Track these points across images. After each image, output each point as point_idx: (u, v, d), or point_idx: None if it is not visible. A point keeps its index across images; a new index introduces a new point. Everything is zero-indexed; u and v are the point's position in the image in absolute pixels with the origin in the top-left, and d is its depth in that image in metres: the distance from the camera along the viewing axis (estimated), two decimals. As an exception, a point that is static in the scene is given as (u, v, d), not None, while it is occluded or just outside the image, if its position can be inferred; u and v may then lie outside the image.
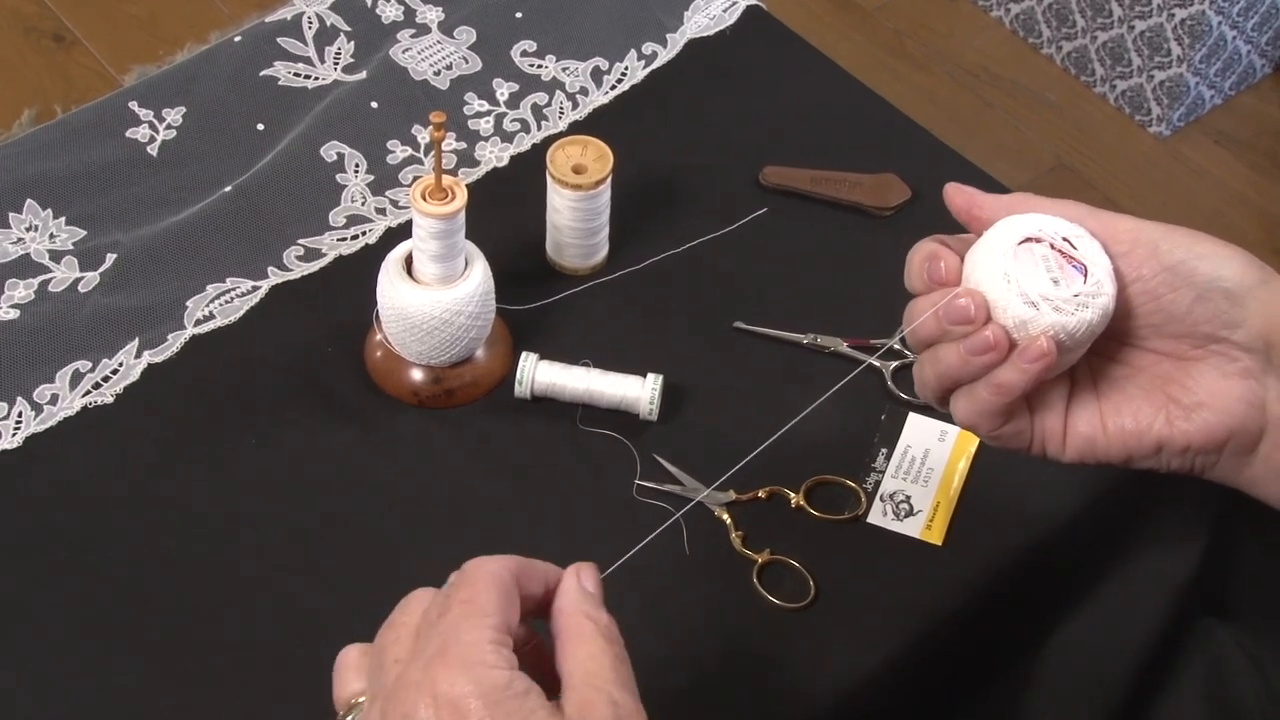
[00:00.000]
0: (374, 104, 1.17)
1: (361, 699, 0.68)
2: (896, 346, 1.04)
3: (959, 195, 0.76)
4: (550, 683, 0.67)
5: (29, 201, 1.09)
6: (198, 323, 1.04)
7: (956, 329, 0.72)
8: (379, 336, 1.01)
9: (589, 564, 0.72)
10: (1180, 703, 1.04)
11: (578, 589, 0.70)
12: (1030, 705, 1.02)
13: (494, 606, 0.67)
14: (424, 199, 0.94)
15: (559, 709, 0.65)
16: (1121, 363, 0.75)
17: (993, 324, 0.72)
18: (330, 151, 1.14)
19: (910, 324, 0.75)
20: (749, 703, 0.88)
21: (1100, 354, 0.75)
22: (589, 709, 0.65)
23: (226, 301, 1.05)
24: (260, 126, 1.16)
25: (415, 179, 1.01)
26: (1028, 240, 0.72)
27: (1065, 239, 0.72)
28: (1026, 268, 0.72)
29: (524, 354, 1.00)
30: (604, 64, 1.21)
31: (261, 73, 1.19)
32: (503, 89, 1.19)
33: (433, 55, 1.21)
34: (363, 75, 1.19)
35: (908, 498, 0.97)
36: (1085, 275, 0.71)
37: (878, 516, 0.96)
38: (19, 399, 0.99)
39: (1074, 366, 0.75)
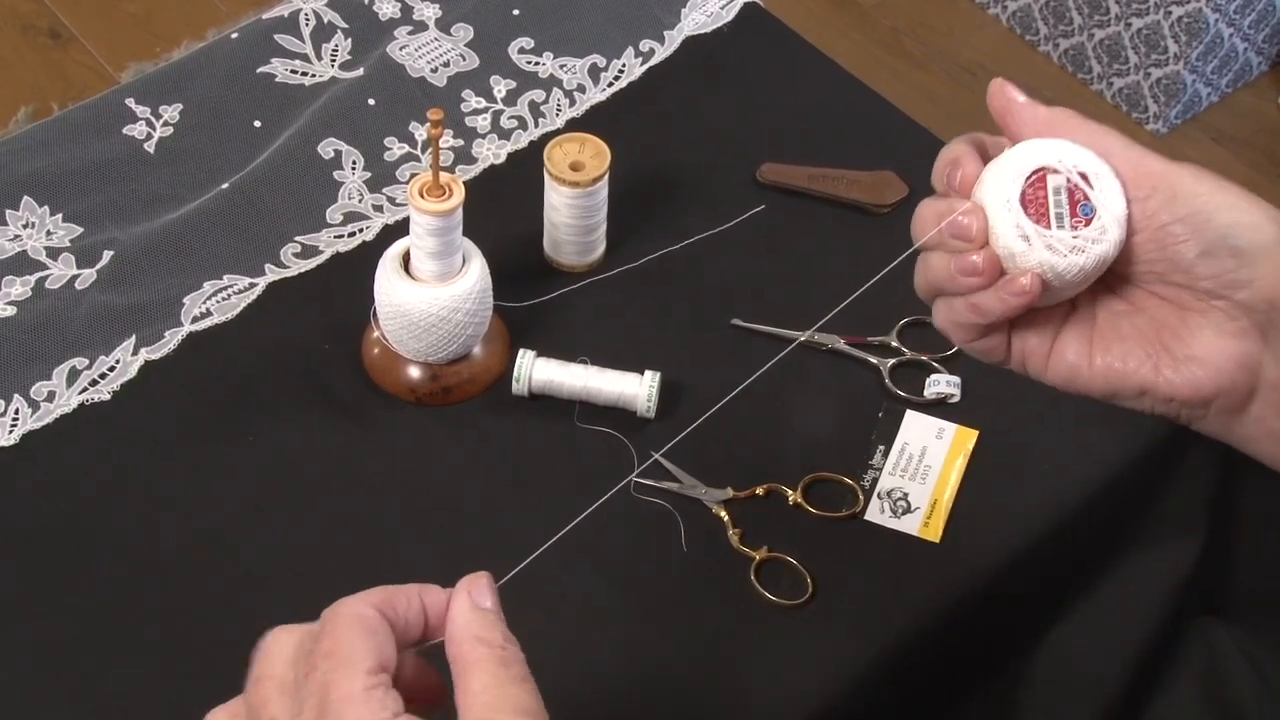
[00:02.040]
0: (371, 101, 1.17)
1: None
2: (894, 344, 1.04)
3: (999, 97, 0.73)
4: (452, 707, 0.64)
5: (26, 198, 1.09)
6: (195, 320, 1.04)
7: (954, 243, 0.71)
8: (376, 334, 1.01)
9: (480, 576, 0.69)
10: (1177, 701, 1.04)
11: (468, 610, 0.67)
12: (1027, 702, 1.02)
13: (360, 650, 0.63)
14: (421, 196, 0.94)
15: None
16: (1123, 298, 0.73)
17: (986, 249, 0.70)
18: (328, 149, 1.14)
19: (915, 225, 0.74)
20: (746, 700, 0.88)
21: (1104, 285, 0.73)
22: None
23: (224, 299, 1.05)
24: (257, 124, 1.16)
25: (413, 176, 1.01)
26: (1043, 169, 0.70)
27: (1083, 174, 0.70)
28: (1032, 199, 0.70)
29: (521, 351, 1.00)
30: (601, 61, 1.21)
31: (259, 70, 1.19)
32: (500, 86, 1.19)
33: (430, 52, 1.21)
34: (360, 72, 1.19)
35: (905, 495, 0.97)
36: (1092, 218, 0.70)
37: (875, 514, 0.96)
38: (16, 396, 0.99)
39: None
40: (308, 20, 1.22)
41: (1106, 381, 0.73)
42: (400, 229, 1.08)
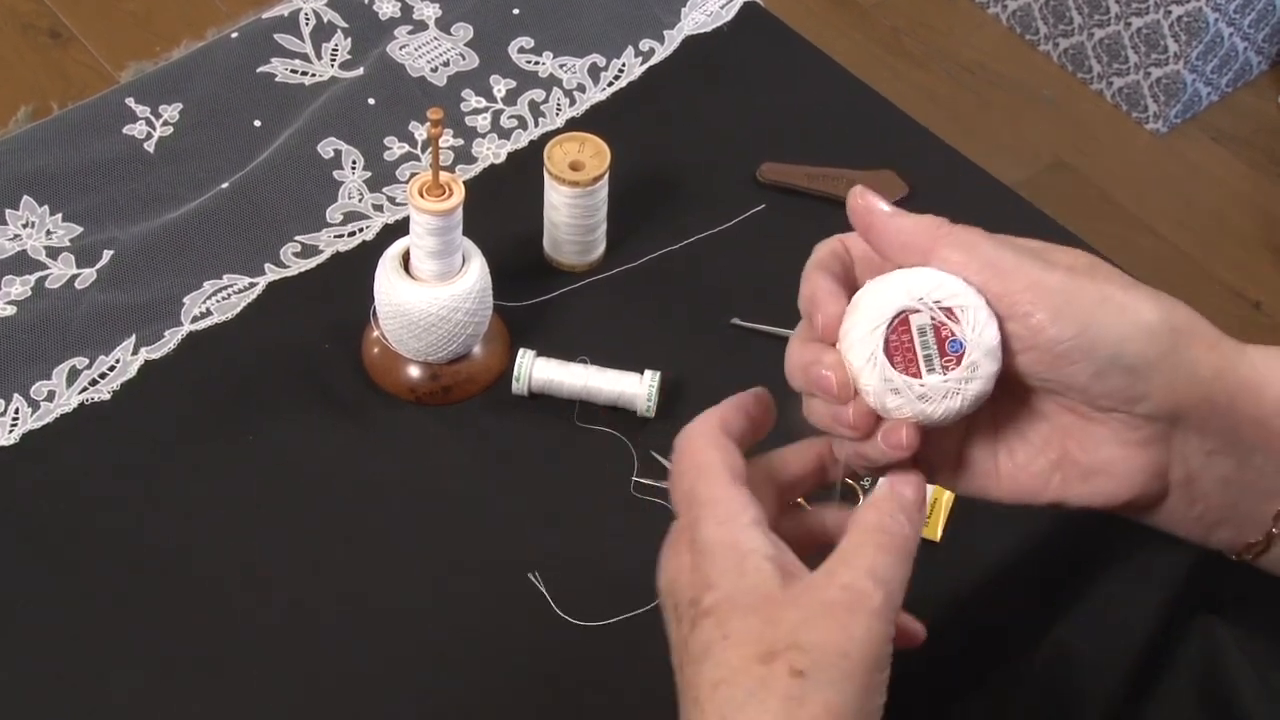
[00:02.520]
0: (371, 101, 1.17)
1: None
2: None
3: (860, 211, 0.71)
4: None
5: (26, 198, 1.09)
6: (195, 320, 1.04)
7: (823, 395, 0.69)
8: (376, 333, 1.01)
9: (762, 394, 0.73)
10: (1176, 700, 1.04)
11: (899, 487, 0.68)
12: (1026, 701, 1.02)
13: (714, 459, 0.68)
14: (421, 196, 0.94)
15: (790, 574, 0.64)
16: (1024, 404, 0.71)
17: (856, 401, 0.68)
18: (327, 148, 1.14)
19: (786, 367, 0.71)
20: None
21: (1004, 390, 0.70)
22: (810, 584, 0.64)
23: (224, 298, 1.05)
24: (257, 123, 1.16)
25: (412, 175, 1.01)
26: (904, 311, 0.67)
27: (948, 310, 0.67)
28: (897, 345, 0.67)
29: (521, 350, 1.00)
30: (601, 61, 1.21)
31: (259, 69, 1.19)
32: (500, 86, 1.19)
33: (430, 52, 1.21)
34: (360, 72, 1.19)
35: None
36: (962, 354, 0.67)
37: (875, 513, 0.96)
38: (15, 396, 0.99)
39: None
40: (308, 20, 1.22)
41: (1016, 494, 0.71)
42: (400, 228, 1.08)
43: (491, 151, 1.15)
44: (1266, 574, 0.75)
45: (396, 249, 0.98)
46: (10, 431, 0.97)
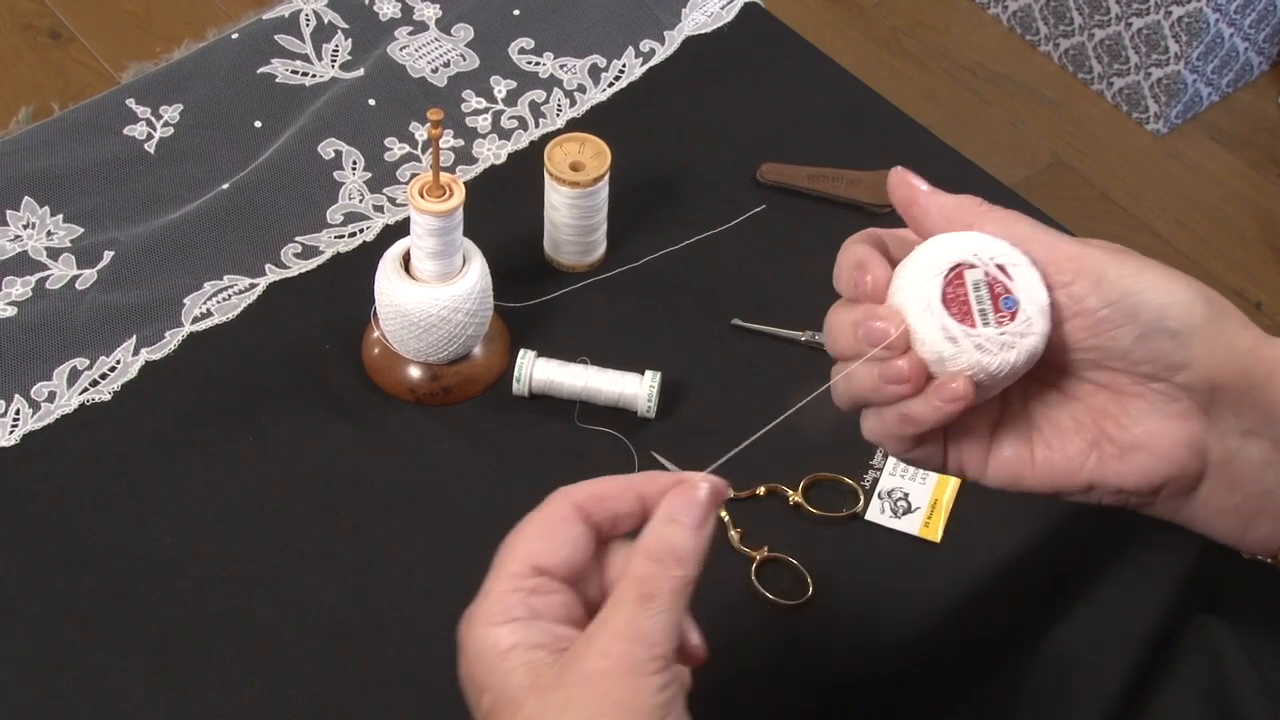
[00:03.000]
0: (371, 101, 1.17)
1: None
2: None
3: (901, 188, 0.70)
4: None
5: (26, 199, 1.09)
6: (195, 320, 1.04)
7: (875, 351, 0.69)
8: (377, 334, 1.01)
9: (691, 484, 0.68)
10: (1177, 700, 1.04)
11: (658, 522, 0.66)
12: (1027, 701, 1.02)
13: (517, 551, 0.66)
14: (422, 196, 0.94)
15: (552, 666, 0.63)
16: (1056, 388, 0.71)
17: (910, 354, 0.68)
18: (328, 149, 1.14)
19: (829, 335, 0.71)
20: (746, 700, 0.88)
21: (1033, 378, 0.70)
22: (586, 668, 0.62)
23: (224, 299, 1.05)
24: (258, 124, 1.16)
25: (413, 176, 1.01)
26: (960, 265, 0.68)
27: (1001, 267, 0.67)
28: (953, 298, 0.67)
29: (522, 351, 1.00)
30: (602, 61, 1.21)
31: (259, 70, 1.19)
32: (500, 86, 1.19)
33: (430, 52, 1.21)
34: (360, 72, 1.19)
35: (905, 495, 0.97)
36: (1016, 311, 0.67)
37: (876, 514, 0.96)
38: (16, 396, 0.99)
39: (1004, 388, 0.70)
40: (308, 20, 1.22)
41: (1051, 479, 0.70)
42: (401, 229, 1.08)
43: (492, 152, 1.15)
44: (1266, 573, 0.74)
45: (397, 250, 0.98)
46: (11, 432, 0.97)
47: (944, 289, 0.67)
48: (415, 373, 1.00)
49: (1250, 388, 0.67)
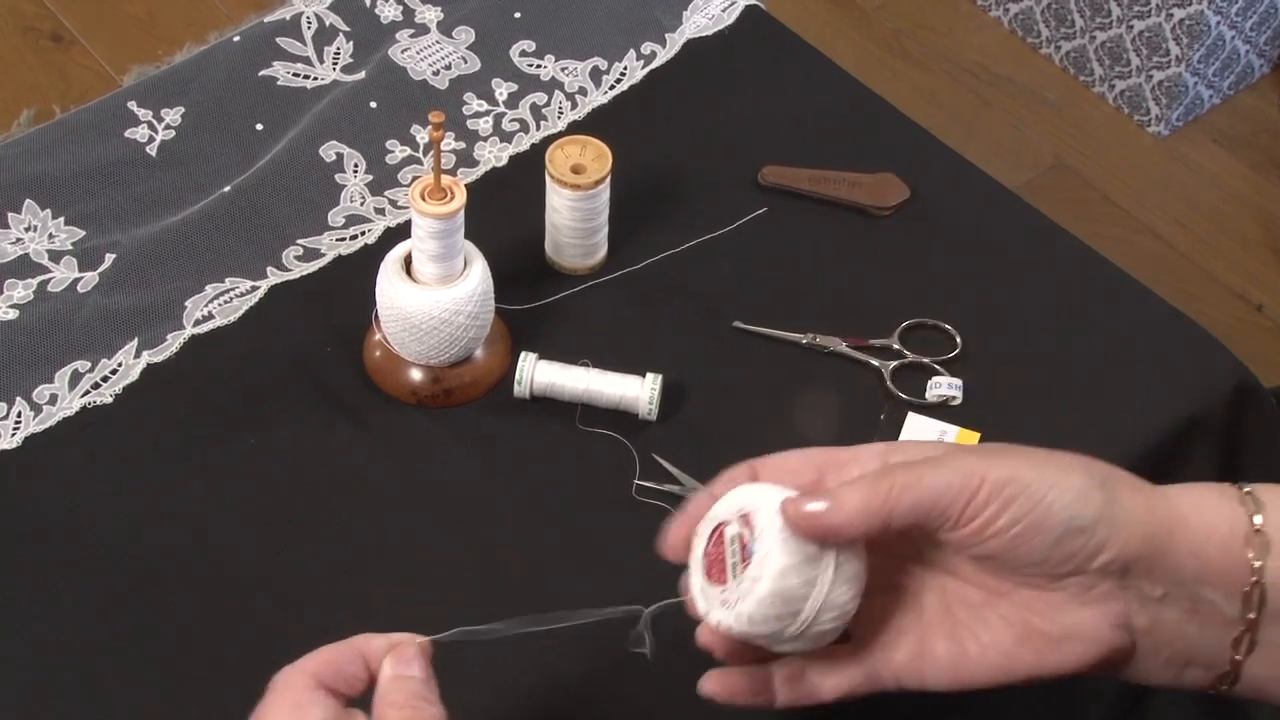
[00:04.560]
0: (373, 104, 1.17)
1: None
2: (896, 347, 1.04)
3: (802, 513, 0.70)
4: None
5: (28, 201, 1.09)
6: (197, 323, 1.04)
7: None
8: (378, 336, 1.01)
9: (407, 646, 0.72)
10: (1177, 700, 1.04)
11: (390, 679, 0.70)
12: (1028, 702, 1.02)
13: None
14: (423, 199, 0.94)
15: None
16: (979, 589, 0.72)
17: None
18: (329, 151, 1.14)
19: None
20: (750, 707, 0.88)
21: (955, 581, 0.73)
22: None
23: (225, 301, 1.05)
24: (259, 126, 1.16)
25: (414, 179, 1.01)
26: (719, 524, 0.71)
27: (745, 517, 0.70)
28: (714, 555, 0.71)
29: (523, 354, 1.00)
30: (603, 64, 1.21)
31: (260, 73, 1.19)
32: (501, 89, 1.19)
33: (432, 55, 1.21)
34: (361, 75, 1.19)
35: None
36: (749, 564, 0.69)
37: (877, 516, 0.96)
38: (18, 399, 0.99)
39: (921, 592, 0.73)
40: (309, 23, 1.22)
41: (989, 673, 0.72)
42: (402, 232, 1.08)
43: (493, 154, 1.15)
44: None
45: (398, 252, 0.98)
46: (13, 435, 0.97)
47: (708, 547, 0.71)
48: (416, 375, 1.00)
49: (1156, 552, 0.70)
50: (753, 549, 0.69)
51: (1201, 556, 0.71)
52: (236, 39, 1.21)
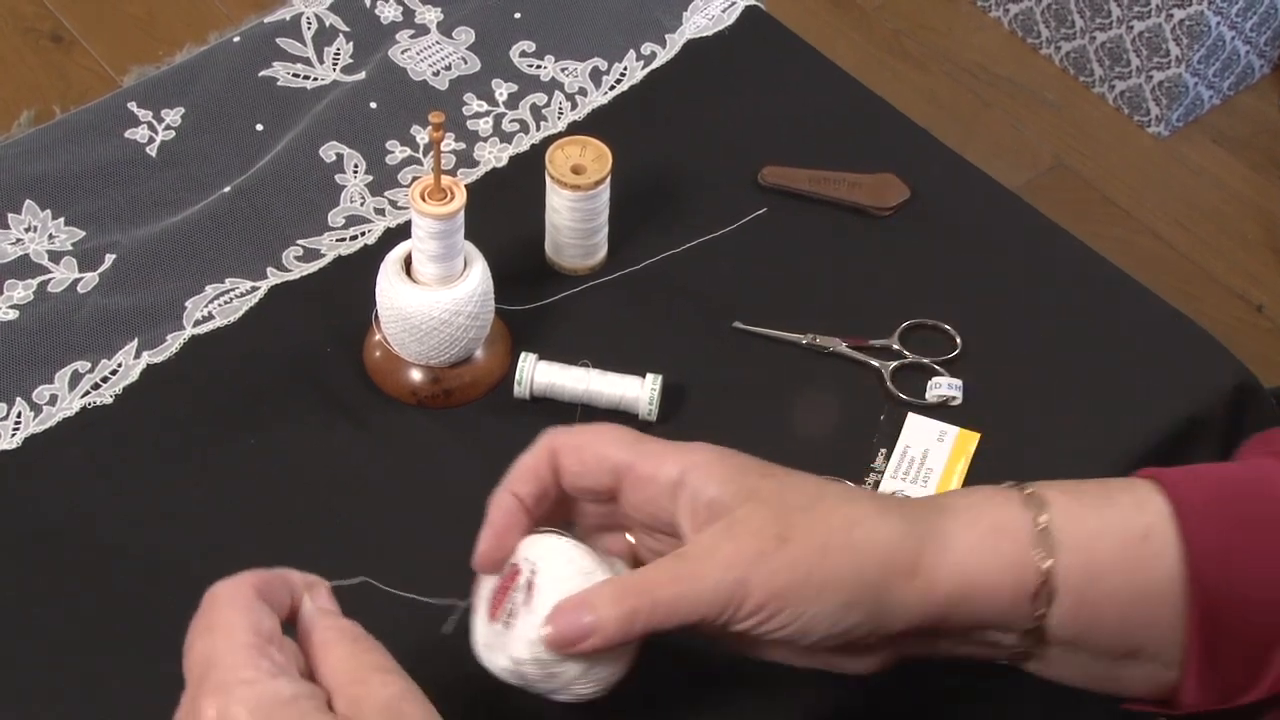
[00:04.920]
0: (373, 104, 1.17)
1: None
2: (895, 347, 1.04)
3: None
4: None
5: (28, 202, 1.09)
6: (197, 323, 1.04)
7: None
8: (378, 336, 1.01)
9: (318, 582, 0.75)
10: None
11: (312, 607, 0.73)
12: (1030, 702, 1.02)
13: (238, 621, 0.68)
14: (423, 199, 0.94)
15: (333, 712, 0.67)
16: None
17: None
18: (329, 152, 1.14)
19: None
20: (749, 702, 0.88)
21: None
22: (360, 702, 0.68)
23: (225, 302, 1.05)
24: (259, 127, 1.16)
25: (414, 179, 1.01)
26: (513, 568, 0.77)
27: (529, 578, 0.75)
28: (498, 599, 0.77)
29: (523, 354, 1.00)
30: (603, 64, 1.21)
31: (260, 73, 1.19)
32: (501, 89, 1.19)
33: (432, 56, 1.21)
34: (361, 76, 1.19)
35: (907, 498, 0.97)
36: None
37: (877, 516, 0.96)
38: (18, 399, 0.99)
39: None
40: (309, 24, 1.22)
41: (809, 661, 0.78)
42: (402, 232, 1.08)
43: (493, 155, 1.15)
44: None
45: (398, 252, 0.98)
46: (13, 435, 0.97)
47: (496, 589, 0.76)
48: (416, 375, 1.00)
49: (937, 624, 0.75)
50: (524, 608, 0.74)
51: (986, 617, 0.75)
52: (236, 39, 1.21)
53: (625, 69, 1.21)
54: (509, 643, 0.74)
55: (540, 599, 0.74)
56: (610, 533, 0.82)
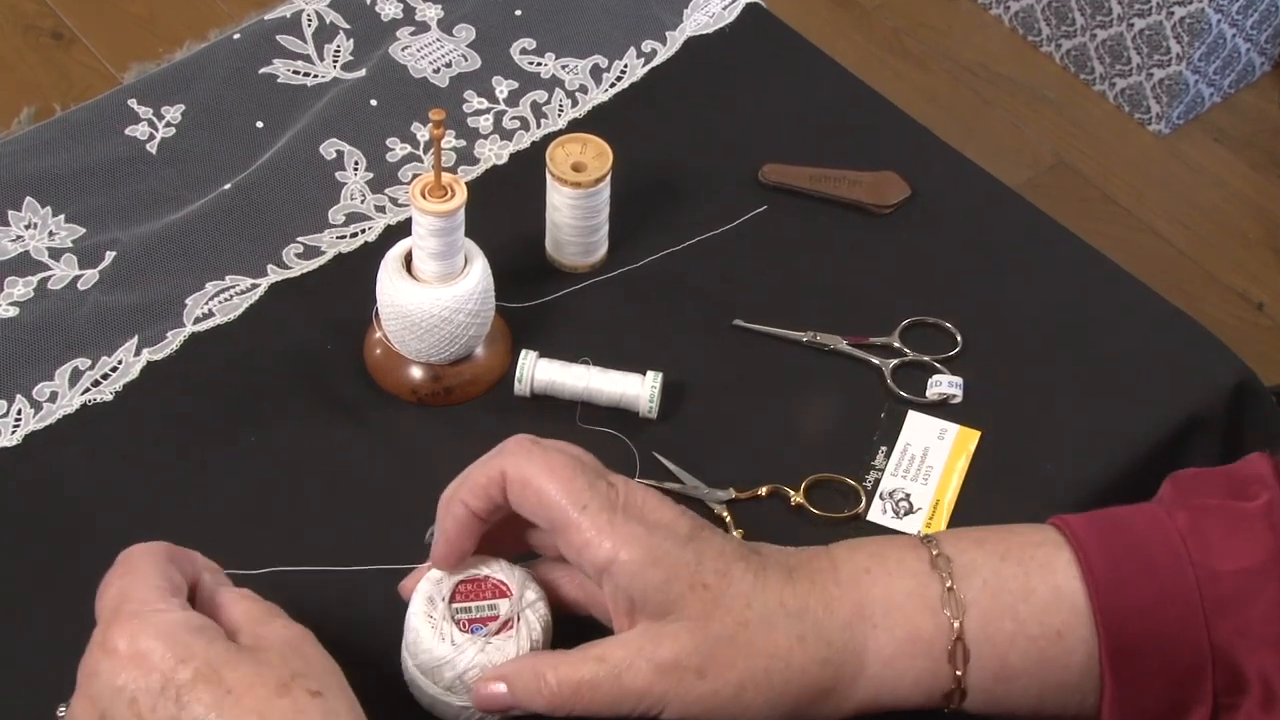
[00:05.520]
0: (373, 102, 1.17)
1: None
2: (896, 345, 1.04)
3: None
4: None
5: (28, 199, 1.09)
6: (197, 320, 1.04)
7: None
8: (378, 334, 1.01)
9: (218, 569, 0.80)
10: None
11: (213, 579, 0.78)
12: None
13: (154, 569, 0.74)
14: (423, 197, 0.94)
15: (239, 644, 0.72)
16: None
17: None
18: (330, 149, 1.14)
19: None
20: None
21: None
22: (263, 639, 0.73)
23: (226, 299, 1.05)
24: (259, 124, 1.16)
25: (415, 177, 1.01)
26: (499, 586, 0.83)
27: (508, 612, 0.81)
28: (462, 588, 0.83)
29: (523, 352, 1.00)
30: (603, 62, 1.21)
31: (261, 70, 1.19)
32: (502, 87, 1.19)
33: (432, 53, 1.21)
34: (362, 73, 1.19)
35: (907, 495, 0.97)
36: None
37: (877, 514, 0.96)
38: (18, 397, 0.99)
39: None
40: (310, 21, 1.22)
41: None
42: (402, 230, 1.08)
43: (494, 152, 1.15)
44: None
45: (398, 250, 0.98)
46: (13, 432, 0.97)
47: (464, 583, 0.84)
48: (417, 373, 1.00)
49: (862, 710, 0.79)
50: (496, 637, 0.80)
51: (898, 709, 0.79)
52: (237, 36, 1.21)
53: (626, 66, 1.21)
54: (458, 658, 0.79)
55: (503, 648, 0.80)
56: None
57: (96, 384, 1.00)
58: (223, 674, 0.69)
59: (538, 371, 1.00)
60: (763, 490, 0.96)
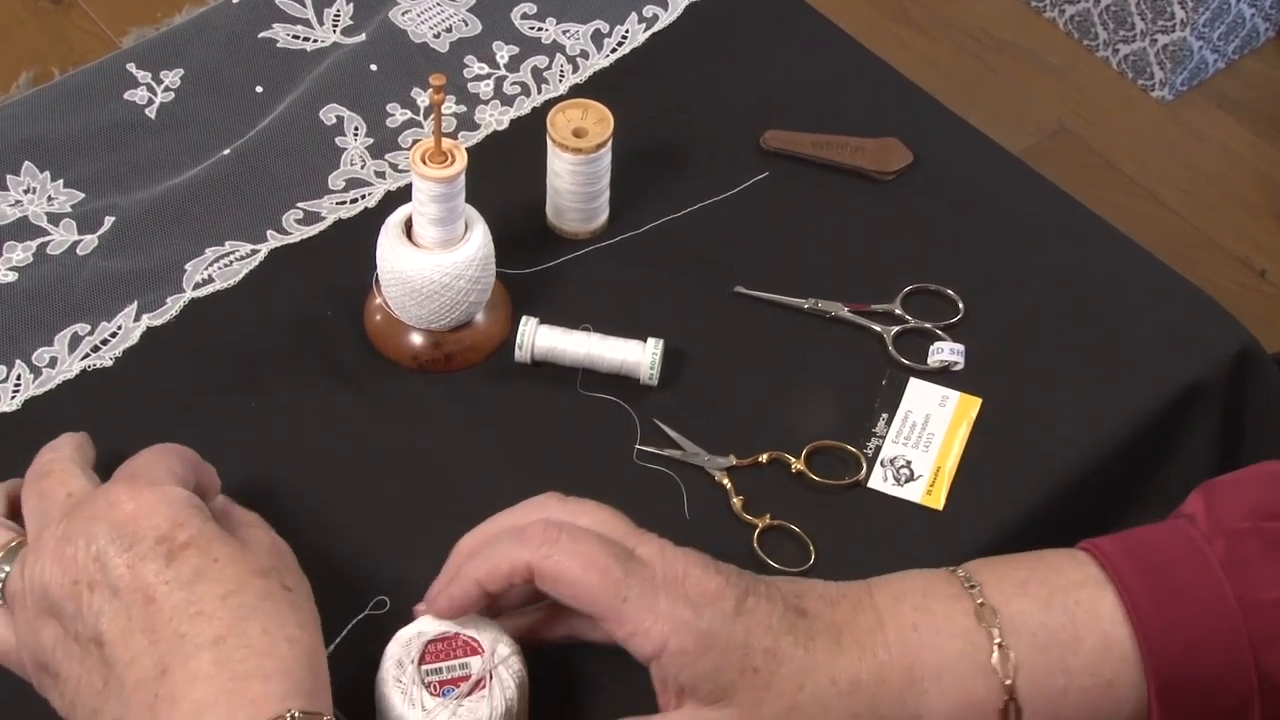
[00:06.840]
0: (373, 67, 1.16)
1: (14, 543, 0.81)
2: (898, 312, 1.04)
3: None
4: None
5: (27, 164, 1.09)
6: (196, 286, 1.03)
7: None
8: (378, 300, 1.00)
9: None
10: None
11: (222, 500, 0.84)
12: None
13: (177, 459, 0.80)
14: (423, 162, 0.94)
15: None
16: None
17: None
18: (329, 114, 1.13)
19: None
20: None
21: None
22: (250, 541, 0.78)
23: (225, 265, 1.05)
24: (259, 89, 1.15)
25: (415, 142, 1.01)
26: (476, 648, 0.81)
27: (480, 673, 0.80)
28: (434, 646, 0.81)
29: (524, 318, 1.00)
30: (604, 27, 1.21)
31: (260, 35, 1.18)
32: (503, 52, 1.19)
33: (432, 18, 1.20)
34: (362, 38, 1.19)
35: (908, 463, 0.97)
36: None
37: (878, 481, 0.96)
38: (17, 362, 0.99)
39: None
40: (309, -15, 1.21)
41: None
42: (403, 195, 1.07)
43: (494, 118, 1.15)
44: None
45: (399, 216, 0.98)
46: (12, 398, 0.97)
47: (437, 643, 0.82)
48: (417, 339, 1.00)
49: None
50: (455, 691, 0.79)
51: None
52: (236, 1, 1.20)
53: (627, 31, 1.21)
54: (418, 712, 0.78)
55: (475, 710, 0.78)
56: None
57: (96, 349, 1.00)
58: (213, 547, 0.75)
59: (538, 338, 0.99)
60: (763, 457, 0.96)
